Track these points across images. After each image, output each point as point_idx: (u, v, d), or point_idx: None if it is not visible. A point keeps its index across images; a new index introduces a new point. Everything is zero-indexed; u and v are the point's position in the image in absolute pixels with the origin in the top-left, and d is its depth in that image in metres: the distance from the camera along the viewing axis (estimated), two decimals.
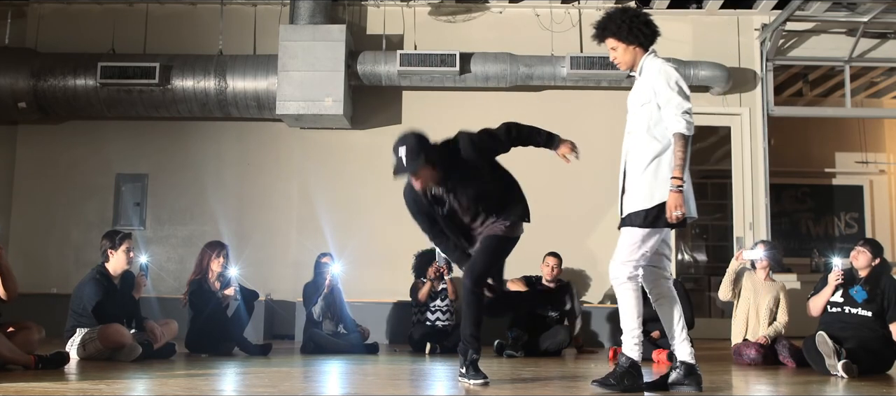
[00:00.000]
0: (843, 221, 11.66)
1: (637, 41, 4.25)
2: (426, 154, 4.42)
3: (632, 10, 4.31)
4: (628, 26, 4.23)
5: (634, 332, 4.19)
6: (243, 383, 4.76)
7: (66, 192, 9.38)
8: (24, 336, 5.28)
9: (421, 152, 4.41)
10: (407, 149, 4.42)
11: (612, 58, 4.35)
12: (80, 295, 6.07)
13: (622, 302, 4.19)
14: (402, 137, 4.50)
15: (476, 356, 4.55)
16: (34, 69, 8.95)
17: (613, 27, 4.26)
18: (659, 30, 4.31)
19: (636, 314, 4.17)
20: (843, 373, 5.21)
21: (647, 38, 4.26)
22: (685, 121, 4.04)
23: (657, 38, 4.29)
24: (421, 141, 4.48)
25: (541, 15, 9.40)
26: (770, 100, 9.37)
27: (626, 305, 4.17)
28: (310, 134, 9.38)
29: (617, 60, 4.33)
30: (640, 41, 4.25)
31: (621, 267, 4.16)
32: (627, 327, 4.20)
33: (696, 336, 7.20)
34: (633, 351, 4.20)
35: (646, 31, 4.25)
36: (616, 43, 4.28)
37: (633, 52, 4.27)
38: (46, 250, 9.25)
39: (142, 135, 9.49)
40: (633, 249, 4.13)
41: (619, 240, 4.19)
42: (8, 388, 4.02)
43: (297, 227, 9.25)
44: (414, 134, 4.52)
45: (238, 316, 7.02)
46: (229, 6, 9.49)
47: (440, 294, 7.72)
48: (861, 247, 5.90)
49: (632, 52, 4.27)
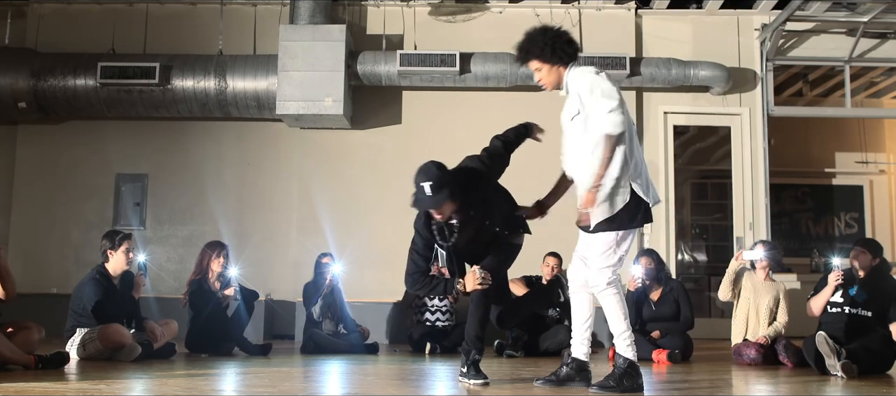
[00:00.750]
0: (843, 221, 11.66)
1: (560, 60, 4.26)
2: (451, 188, 4.28)
3: (553, 30, 4.31)
4: (551, 47, 4.24)
5: (625, 334, 4.22)
6: (243, 383, 4.76)
7: (66, 192, 9.37)
8: (24, 336, 5.29)
9: (445, 186, 4.26)
10: (432, 184, 4.24)
11: (537, 79, 4.38)
12: (80, 295, 6.07)
13: (607, 307, 4.22)
14: (425, 170, 4.29)
15: (478, 357, 4.55)
16: (34, 69, 8.95)
17: (536, 50, 4.27)
18: (580, 47, 4.38)
19: (623, 315, 4.21)
20: (843, 373, 5.21)
21: (570, 56, 4.27)
22: (610, 120, 4.01)
23: (578, 56, 4.31)
24: (444, 172, 4.32)
25: (541, 15, 9.39)
26: (770, 100, 9.38)
27: (612, 309, 4.20)
28: (310, 134, 9.38)
29: (542, 81, 4.36)
30: (562, 60, 4.26)
31: (599, 274, 4.20)
32: (618, 330, 4.23)
33: (696, 336, 7.22)
34: (628, 352, 4.22)
35: (568, 50, 4.27)
36: (540, 64, 4.30)
37: (556, 71, 4.30)
38: (46, 250, 9.24)
39: (142, 135, 9.48)
40: (608, 254, 4.19)
41: (592, 249, 4.25)
42: (8, 388, 4.02)
43: (297, 227, 9.25)
44: (436, 165, 4.34)
45: (238, 316, 7.02)
46: (229, 6, 9.50)
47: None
48: (860, 248, 5.90)
49: (556, 72, 4.30)
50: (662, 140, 9.43)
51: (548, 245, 7.82)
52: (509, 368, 5.82)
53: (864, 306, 5.75)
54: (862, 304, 5.75)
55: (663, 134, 9.44)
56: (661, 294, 6.98)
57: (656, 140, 9.42)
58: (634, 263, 7.12)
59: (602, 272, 4.19)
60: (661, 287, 6.99)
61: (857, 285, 5.83)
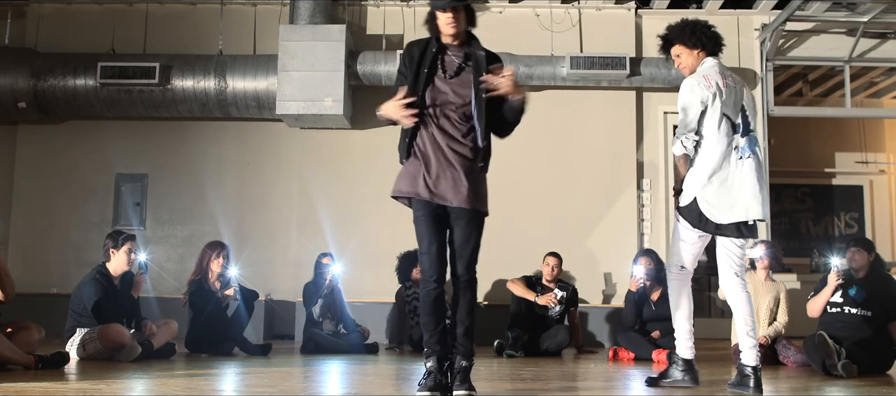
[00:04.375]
0: (842, 221, 11.67)
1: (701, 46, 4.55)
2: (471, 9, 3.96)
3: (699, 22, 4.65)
4: (691, 31, 4.55)
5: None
6: (243, 383, 4.76)
7: (66, 192, 9.37)
8: (24, 337, 5.29)
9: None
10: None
11: (677, 64, 4.66)
12: (80, 295, 6.08)
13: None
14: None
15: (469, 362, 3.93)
16: (34, 69, 8.95)
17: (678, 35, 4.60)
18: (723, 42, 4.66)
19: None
20: (843, 373, 5.22)
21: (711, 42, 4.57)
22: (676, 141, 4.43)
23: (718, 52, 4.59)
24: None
25: (541, 15, 9.40)
26: (770, 100, 9.38)
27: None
28: (310, 134, 9.38)
29: (680, 65, 4.63)
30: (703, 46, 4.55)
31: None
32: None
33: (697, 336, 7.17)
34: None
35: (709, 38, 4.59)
36: (680, 49, 4.59)
37: (697, 55, 4.56)
38: (46, 250, 9.24)
39: (142, 135, 9.49)
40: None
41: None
42: (8, 388, 4.02)
43: (297, 227, 9.25)
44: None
45: (238, 316, 7.03)
46: (229, 6, 9.50)
47: None
48: (856, 248, 5.92)
49: (695, 56, 4.56)
50: (662, 140, 9.42)
51: (548, 245, 7.85)
52: (509, 368, 5.82)
53: (863, 306, 5.76)
54: (861, 304, 5.76)
55: (663, 134, 9.44)
56: (661, 294, 6.99)
57: (656, 140, 9.42)
58: (634, 263, 7.13)
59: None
60: (661, 287, 6.99)
61: (856, 285, 5.84)
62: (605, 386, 4.87)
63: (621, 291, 8.54)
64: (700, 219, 4.29)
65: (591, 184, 8.98)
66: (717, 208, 4.26)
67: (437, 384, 3.79)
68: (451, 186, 3.88)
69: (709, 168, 4.28)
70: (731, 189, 4.25)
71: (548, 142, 9.10)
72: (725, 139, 4.29)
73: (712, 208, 4.26)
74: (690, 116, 4.31)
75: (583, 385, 4.90)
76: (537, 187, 9.07)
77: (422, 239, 3.92)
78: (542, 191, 9.06)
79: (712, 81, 4.34)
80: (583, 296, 8.36)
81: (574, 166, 9.20)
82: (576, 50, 9.30)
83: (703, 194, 4.28)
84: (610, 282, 9.11)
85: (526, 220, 8.92)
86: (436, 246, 3.90)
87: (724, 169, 4.27)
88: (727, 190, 4.25)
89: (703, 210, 4.27)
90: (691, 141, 4.31)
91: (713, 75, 4.38)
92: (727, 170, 4.27)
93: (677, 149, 4.37)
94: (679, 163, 4.43)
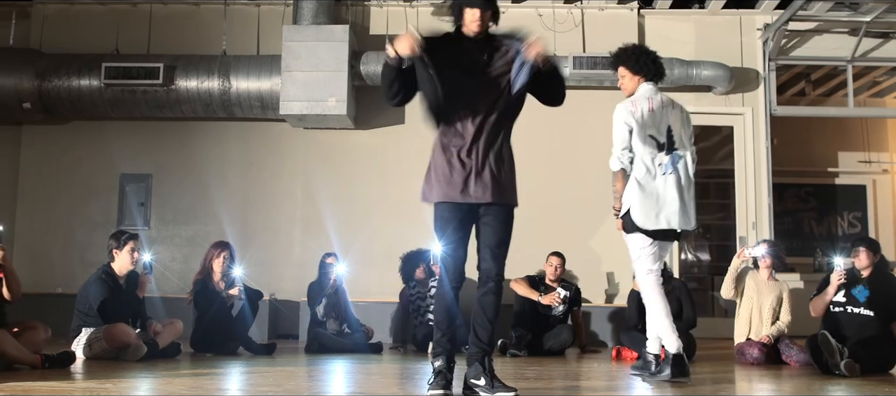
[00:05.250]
0: (846, 221, 11.68)
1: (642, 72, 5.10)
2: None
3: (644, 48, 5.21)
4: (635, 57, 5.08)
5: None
6: (249, 382, 4.79)
7: (71, 192, 9.41)
8: (31, 336, 5.32)
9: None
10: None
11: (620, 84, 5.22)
12: (86, 295, 6.11)
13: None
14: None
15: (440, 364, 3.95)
16: (38, 70, 8.99)
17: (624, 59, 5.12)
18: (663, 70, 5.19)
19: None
20: (845, 372, 5.23)
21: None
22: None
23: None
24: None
25: (543, 15, 9.42)
26: (773, 99, 9.39)
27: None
28: (313, 134, 9.41)
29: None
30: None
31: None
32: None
33: (700, 335, 7.25)
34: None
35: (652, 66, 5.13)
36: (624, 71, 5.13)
37: (637, 80, 5.11)
38: (51, 250, 9.27)
39: (146, 135, 9.52)
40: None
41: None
42: (16, 387, 4.05)
43: (301, 227, 9.28)
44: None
45: (243, 316, 7.07)
46: (233, 7, 9.52)
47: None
48: (861, 247, 5.93)
49: (636, 81, 5.11)
50: None
51: (551, 244, 7.87)
52: (513, 367, 5.85)
53: (866, 305, 5.78)
54: (864, 303, 5.78)
55: None
56: None
57: None
58: None
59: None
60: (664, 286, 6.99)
61: (859, 284, 5.85)
62: (608, 385, 4.89)
63: (624, 291, 8.56)
64: (634, 227, 4.85)
65: (594, 183, 9.00)
66: (644, 216, 4.82)
67: (447, 383, 3.82)
68: (488, 184, 3.89)
69: (636, 182, 4.87)
70: (657, 201, 4.83)
71: (550, 142, 9.12)
72: (649, 156, 4.88)
73: (640, 216, 4.82)
74: (620, 136, 4.93)
75: (586, 385, 4.93)
76: (540, 187, 9.08)
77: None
78: (545, 191, 9.07)
79: (638, 107, 4.94)
80: (586, 296, 8.39)
81: (577, 166, 9.22)
82: (579, 50, 9.32)
83: (633, 204, 4.86)
84: (613, 282, 9.13)
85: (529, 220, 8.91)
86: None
87: (650, 182, 4.85)
88: (653, 201, 4.82)
89: (634, 218, 4.83)
90: (626, 156, 4.92)
91: (641, 101, 4.96)
92: (653, 184, 4.85)
93: (614, 165, 4.96)
94: (616, 178, 4.98)
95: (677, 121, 5.01)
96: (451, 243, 3.89)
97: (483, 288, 3.94)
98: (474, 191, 3.85)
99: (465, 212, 3.88)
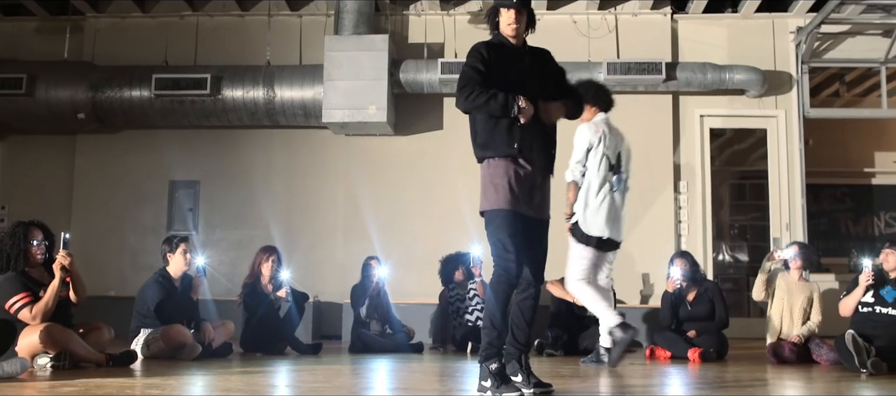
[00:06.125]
0: (882, 221, 11.65)
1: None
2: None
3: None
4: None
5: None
6: (299, 380, 5.03)
7: (123, 198, 9.75)
8: (96, 336, 5.59)
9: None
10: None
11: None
12: (144, 297, 6.39)
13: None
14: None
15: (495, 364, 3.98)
16: (92, 81, 9.36)
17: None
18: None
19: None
20: (872, 371, 5.33)
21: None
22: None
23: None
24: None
25: (578, 22, 9.59)
26: (806, 102, 9.45)
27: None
28: (355, 140, 9.67)
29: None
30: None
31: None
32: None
33: (734, 335, 7.36)
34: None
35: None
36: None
37: (593, 111, 5.98)
38: (104, 254, 9.56)
39: (194, 143, 9.85)
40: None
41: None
42: (88, 384, 4.35)
43: (344, 231, 9.52)
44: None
45: (290, 317, 7.28)
46: (276, 18, 9.81)
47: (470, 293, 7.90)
48: (889, 248, 5.99)
49: (592, 111, 5.98)
50: (699, 142, 9.57)
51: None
52: (549, 366, 6.02)
53: (894, 305, 5.84)
54: (892, 304, 5.84)
55: (699, 136, 9.58)
56: (696, 294, 7.13)
57: (693, 142, 9.56)
58: (671, 265, 7.28)
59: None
60: (696, 287, 7.14)
61: (887, 285, 5.93)
62: (642, 384, 5.01)
63: (658, 292, 8.67)
64: (583, 236, 5.69)
65: (631, 185, 9.13)
66: (589, 225, 5.70)
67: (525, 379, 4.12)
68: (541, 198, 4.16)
69: (587, 194, 5.73)
70: (606, 213, 5.72)
71: None
72: (603, 173, 5.75)
73: (586, 225, 5.71)
74: (580, 152, 5.78)
75: (620, 383, 5.07)
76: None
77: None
78: None
79: (600, 129, 5.82)
80: (621, 297, 8.52)
81: None
82: (613, 56, 9.47)
83: (583, 215, 5.72)
84: (647, 283, 9.26)
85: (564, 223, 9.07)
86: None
87: (601, 196, 5.71)
88: (602, 213, 5.70)
89: (583, 227, 5.69)
90: (579, 171, 5.78)
91: (602, 125, 5.87)
92: (604, 198, 5.71)
93: (569, 177, 5.80)
94: (570, 189, 5.81)
95: (625, 148, 5.97)
96: (520, 250, 3.94)
97: (524, 293, 4.09)
98: (537, 207, 4.07)
99: (524, 222, 4.00)
